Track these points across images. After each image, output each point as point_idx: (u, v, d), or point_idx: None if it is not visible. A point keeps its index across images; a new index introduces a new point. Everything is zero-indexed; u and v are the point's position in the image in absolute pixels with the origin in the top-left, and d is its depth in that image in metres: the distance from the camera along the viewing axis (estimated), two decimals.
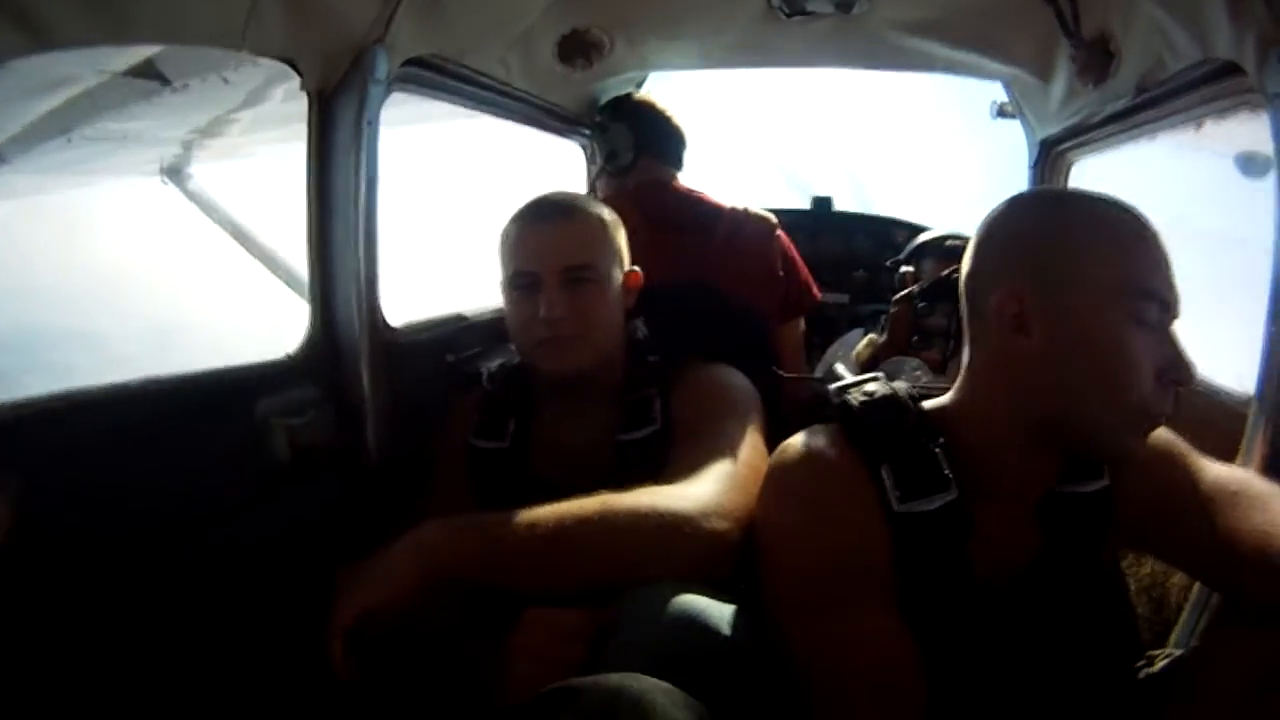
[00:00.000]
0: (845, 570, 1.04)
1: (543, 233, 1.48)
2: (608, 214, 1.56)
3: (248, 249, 3.31)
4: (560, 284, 1.45)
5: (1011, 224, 1.13)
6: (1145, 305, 1.02)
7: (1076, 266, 1.03)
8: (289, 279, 3.05)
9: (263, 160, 3.15)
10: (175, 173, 3.22)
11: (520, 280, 1.47)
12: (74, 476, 1.15)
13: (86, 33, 1.14)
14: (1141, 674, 1.20)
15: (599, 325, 1.49)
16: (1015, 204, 1.14)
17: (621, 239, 1.57)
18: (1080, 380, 1.03)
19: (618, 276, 1.54)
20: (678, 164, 2.47)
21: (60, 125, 2.11)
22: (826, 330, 3.24)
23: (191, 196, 3.30)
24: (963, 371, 1.16)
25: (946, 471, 1.08)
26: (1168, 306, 1.04)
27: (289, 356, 1.59)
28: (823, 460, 1.11)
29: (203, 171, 3.29)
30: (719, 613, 1.01)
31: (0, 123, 2.09)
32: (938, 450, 1.09)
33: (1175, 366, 1.02)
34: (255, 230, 3.34)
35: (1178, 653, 1.22)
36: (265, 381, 1.52)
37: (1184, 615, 1.42)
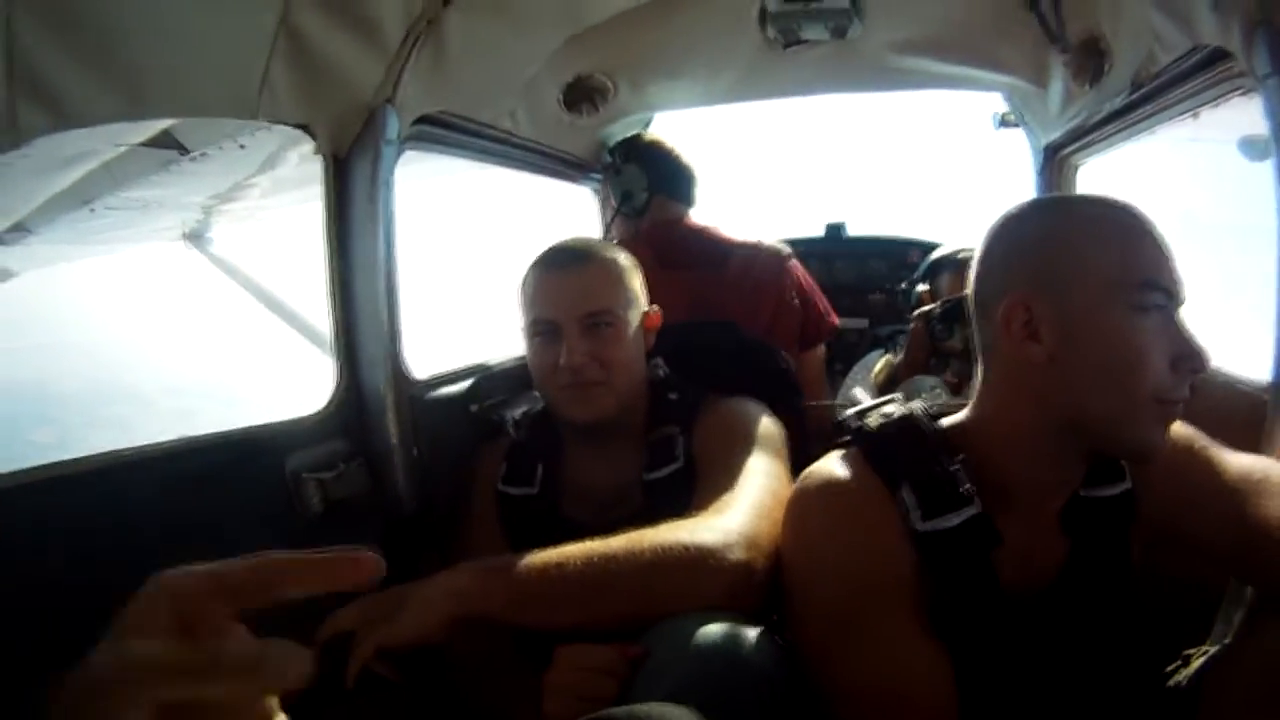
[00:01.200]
0: (871, 591, 1.05)
1: (561, 280, 1.50)
2: (624, 258, 1.58)
3: (269, 308, 3.37)
4: (580, 331, 1.47)
5: (1009, 235, 1.14)
6: (1147, 294, 1.03)
7: (1076, 266, 1.05)
8: (310, 335, 3.10)
9: (281, 222, 3.21)
10: (197, 237, 3.29)
11: (540, 328, 1.50)
12: (115, 537, 1.17)
13: (106, 112, 1.19)
14: (1179, 673, 1.20)
15: (621, 369, 1.51)
16: (1011, 215, 1.15)
17: (638, 281, 1.59)
18: (1095, 377, 1.04)
19: (636, 319, 1.55)
20: (690, 201, 2.50)
21: (83, 196, 2.17)
22: (848, 355, 3.25)
23: (213, 259, 3.37)
24: (978, 385, 1.17)
25: (966, 487, 1.08)
26: (1171, 294, 1.04)
27: (317, 412, 1.61)
28: (843, 484, 1.12)
29: (223, 234, 3.35)
30: (747, 642, 1.03)
31: (24, 197, 2.16)
32: (957, 466, 1.10)
33: (1188, 353, 1.03)
34: (276, 289, 3.41)
35: (1214, 649, 1.21)
36: (295, 438, 1.54)
37: (1220, 611, 1.41)
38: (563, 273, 1.51)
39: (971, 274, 1.17)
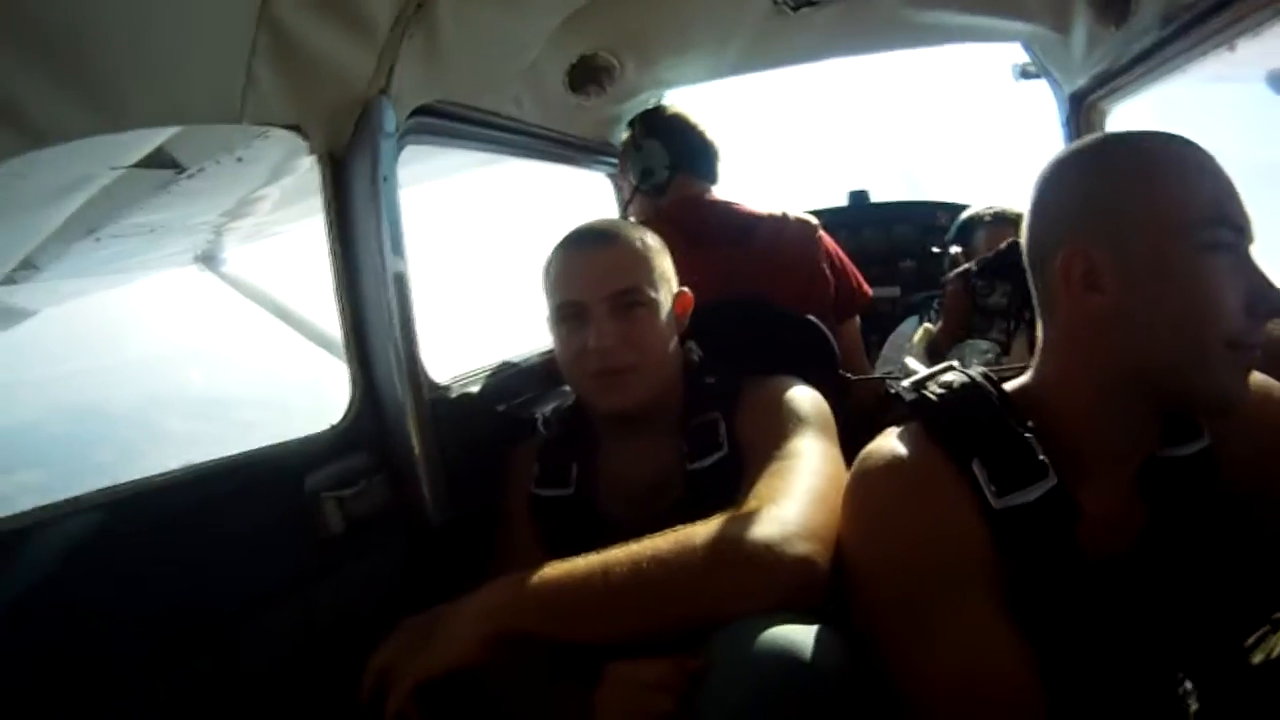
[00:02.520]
0: (947, 578, 0.98)
1: (586, 260, 1.44)
2: (651, 238, 1.52)
3: (288, 323, 3.33)
4: (609, 311, 1.40)
5: (1061, 182, 1.08)
6: (1217, 231, 0.96)
7: (1136, 208, 0.98)
8: (332, 348, 3.05)
9: (294, 235, 3.16)
10: (209, 258, 3.25)
11: (567, 311, 1.43)
12: (130, 569, 1.13)
13: (79, 126, 1.11)
14: (1270, 639, 1.09)
15: (653, 352, 1.43)
16: (1061, 160, 1.09)
17: (667, 262, 1.52)
18: (1165, 323, 0.97)
19: (667, 300, 1.48)
20: (713, 177, 2.43)
21: (87, 226, 2.12)
22: (882, 325, 3.15)
23: (227, 279, 3.32)
24: (1040, 346, 1.10)
25: (1041, 457, 1.01)
26: (1241, 230, 0.98)
27: (334, 427, 1.54)
28: (908, 463, 1.05)
29: (236, 254, 3.31)
30: (816, 646, 0.94)
31: (25, 232, 2.11)
32: (1029, 435, 1.02)
33: (1262, 293, 0.96)
34: (293, 305, 3.36)
35: None
36: (312, 455, 1.47)
37: None
38: (588, 251, 1.44)
39: (1023, 228, 1.10)
